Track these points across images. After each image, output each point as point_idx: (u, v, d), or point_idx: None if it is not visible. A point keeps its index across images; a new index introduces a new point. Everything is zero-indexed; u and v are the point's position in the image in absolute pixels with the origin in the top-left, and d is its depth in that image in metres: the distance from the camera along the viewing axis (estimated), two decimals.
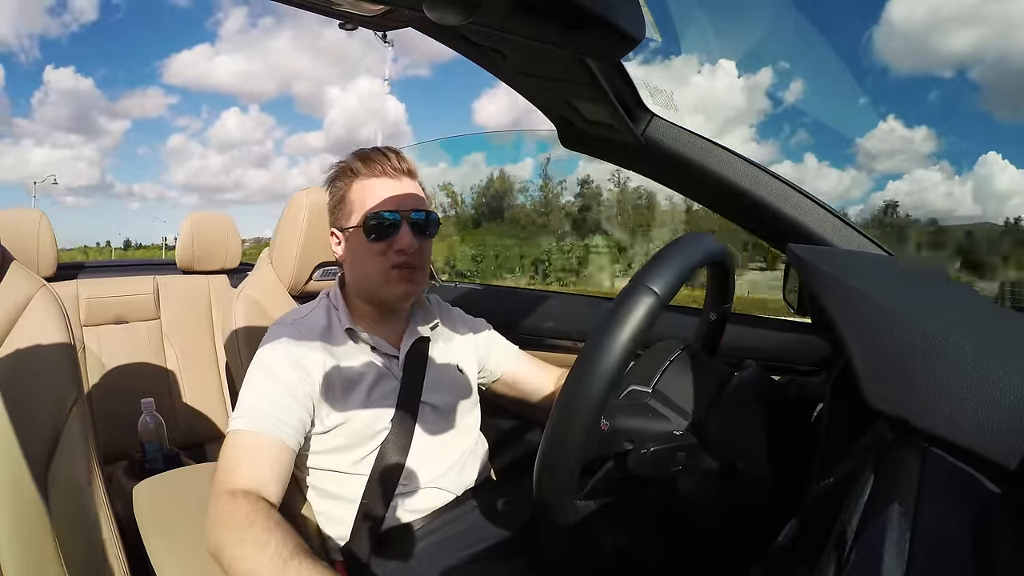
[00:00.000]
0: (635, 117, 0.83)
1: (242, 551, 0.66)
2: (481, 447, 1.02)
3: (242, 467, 0.75)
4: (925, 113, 32.24)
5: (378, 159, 0.90)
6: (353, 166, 0.91)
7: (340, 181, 0.92)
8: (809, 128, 34.75)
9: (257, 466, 0.76)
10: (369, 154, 0.91)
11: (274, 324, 0.91)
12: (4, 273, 0.86)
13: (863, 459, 0.45)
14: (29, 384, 0.81)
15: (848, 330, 0.50)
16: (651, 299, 0.49)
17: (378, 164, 0.90)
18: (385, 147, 0.92)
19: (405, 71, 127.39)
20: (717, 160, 0.84)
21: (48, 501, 0.80)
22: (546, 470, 0.52)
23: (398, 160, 0.91)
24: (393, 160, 0.90)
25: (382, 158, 0.90)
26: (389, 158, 0.90)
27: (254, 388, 0.82)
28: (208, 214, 2.10)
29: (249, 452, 0.77)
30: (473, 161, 23.15)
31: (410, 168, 0.92)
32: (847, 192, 25.01)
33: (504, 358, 1.08)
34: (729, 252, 0.66)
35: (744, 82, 33.86)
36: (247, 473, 0.75)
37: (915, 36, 33.35)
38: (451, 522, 0.89)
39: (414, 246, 0.87)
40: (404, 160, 0.92)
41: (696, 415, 0.61)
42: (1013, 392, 0.41)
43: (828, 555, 0.35)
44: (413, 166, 0.93)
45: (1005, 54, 30.83)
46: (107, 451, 1.53)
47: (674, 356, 0.66)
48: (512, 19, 0.49)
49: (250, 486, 0.74)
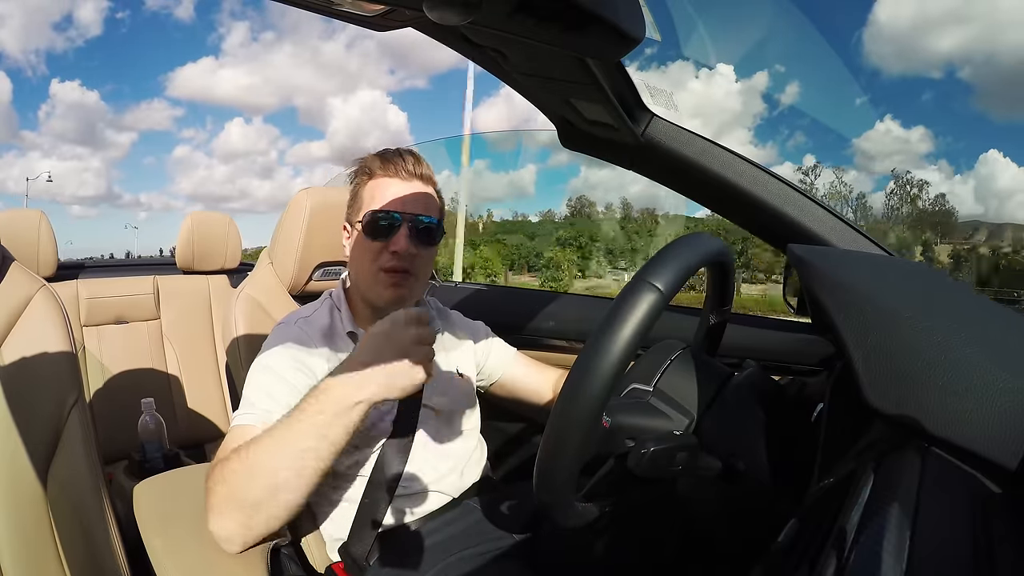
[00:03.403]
0: (635, 117, 0.83)
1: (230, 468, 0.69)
2: (481, 450, 1.02)
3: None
4: (920, 113, 32.46)
5: (394, 160, 0.90)
6: (371, 164, 0.91)
7: (357, 178, 0.93)
8: (806, 130, 34.91)
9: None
10: (387, 154, 0.91)
11: (278, 324, 0.91)
12: (4, 273, 0.86)
13: (863, 459, 0.45)
14: (29, 384, 0.81)
15: (848, 330, 0.50)
16: (654, 295, 0.49)
17: (392, 164, 0.90)
18: (405, 149, 0.92)
19: (402, 83, 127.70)
20: (717, 160, 0.84)
21: (48, 501, 0.80)
22: (546, 471, 0.52)
23: (414, 164, 0.90)
24: (408, 163, 0.90)
25: (398, 159, 0.90)
26: (405, 160, 0.90)
27: (258, 386, 0.81)
28: (208, 214, 2.10)
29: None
30: (476, 168, 23.38)
31: (424, 173, 0.91)
32: (847, 191, 25.14)
33: (503, 361, 1.08)
34: (731, 252, 0.66)
35: (741, 85, 34.03)
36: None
37: (904, 38, 33.55)
38: (451, 523, 0.89)
39: (409, 250, 0.86)
40: (420, 164, 0.91)
41: (697, 415, 0.61)
42: (1013, 392, 0.41)
43: (828, 555, 0.35)
44: (429, 171, 0.92)
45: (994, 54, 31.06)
46: (107, 451, 1.52)
47: (675, 355, 0.66)
48: (512, 19, 0.49)
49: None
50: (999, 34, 32.12)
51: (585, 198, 29.25)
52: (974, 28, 33.70)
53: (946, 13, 34.53)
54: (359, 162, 0.94)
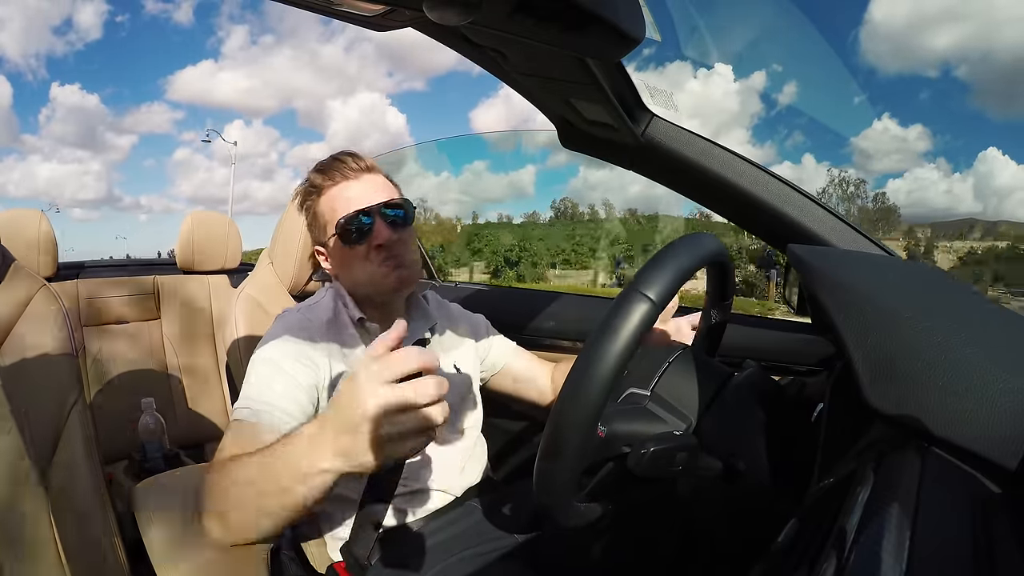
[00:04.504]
0: (635, 117, 0.83)
1: (226, 476, 0.66)
2: (481, 448, 1.02)
3: (236, 451, 0.74)
4: (918, 112, 32.47)
5: (335, 166, 0.90)
6: (315, 181, 0.91)
7: (308, 200, 0.92)
8: (804, 129, 34.92)
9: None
10: (325, 164, 0.91)
11: (280, 315, 0.90)
12: (4, 273, 0.86)
13: (863, 459, 0.45)
14: (29, 384, 0.81)
15: (848, 330, 0.50)
16: (646, 306, 0.49)
17: (336, 171, 0.89)
18: (340, 152, 0.92)
19: (400, 85, 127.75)
20: (717, 160, 0.84)
21: (48, 501, 0.80)
22: (546, 472, 0.52)
23: (354, 160, 0.90)
24: (349, 162, 0.90)
25: (338, 163, 0.90)
26: (345, 161, 0.90)
27: (258, 378, 0.80)
28: (208, 214, 2.09)
29: (247, 440, 0.75)
30: (475, 170, 23.37)
31: (368, 164, 0.91)
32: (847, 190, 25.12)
33: (503, 353, 1.08)
34: (728, 252, 0.66)
35: (739, 85, 34.02)
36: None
37: (899, 36, 33.65)
38: (452, 523, 0.89)
39: (392, 238, 0.86)
40: (360, 159, 0.91)
41: (696, 415, 0.61)
42: (1013, 392, 0.41)
43: (828, 555, 0.35)
44: (372, 162, 0.92)
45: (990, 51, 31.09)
46: (107, 451, 1.52)
47: (674, 357, 0.66)
48: (512, 19, 0.49)
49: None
50: (995, 32, 32.26)
51: (568, 200, 29.25)
52: (970, 26, 33.85)
53: (941, 11, 34.71)
54: (302, 187, 0.93)
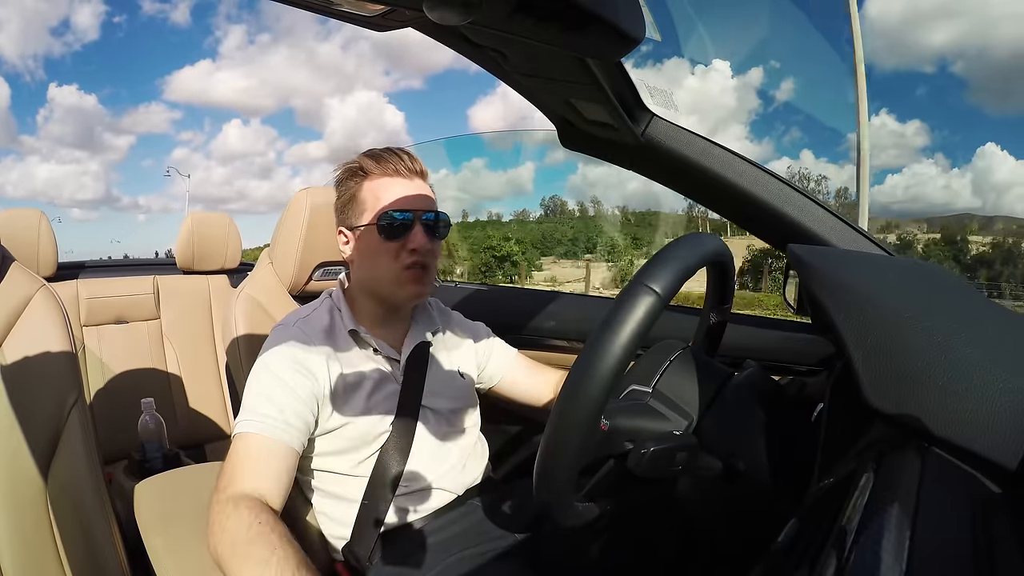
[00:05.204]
0: (635, 117, 0.83)
1: (243, 567, 0.65)
2: (481, 448, 1.02)
3: (246, 471, 0.75)
4: (915, 108, 32.38)
5: (391, 159, 0.89)
6: (365, 165, 0.90)
7: (351, 180, 0.91)
8: (801, 125, 34.84)
9: (261, 470, 0.75)
10: (381, 154, 0.90)
11: (277, 325, 0.90)
12: (4, 273, 0.86)
13: (863, 459, 0.45)
14: (29, 384, 0.81)
15: (848, 330, 0.50)
16: (651, 298, 0.49)
17: (391, 164, 0.89)
18: (397, 148, 0.92)
19: (398, 84, 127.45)
20: (717, 160, 0.84)
21: (48, 501, 0.80)
22: (546, 471, 0.52)
23: (411, 161, 0.90)
24: (406, 160, 0.90)
25: (395, 158, 0.89)
26: (402, 158, 0.90)
27: (259, 390, 0.81)
28: (208, 213, 2.09)
29: (253, 456, 0.76)
30: (474, 167, 23.32)
31: (422, 169, 0.92)
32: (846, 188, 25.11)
33: (503, 363, 1.08)
34: (730, 253, 0.66)
35: (737, 81, 33.85)
36: (251, 478, 0.74)
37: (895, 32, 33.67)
38: (453, 522, 0.89)
39: (426, 246, 0.87)
40: (416, 161, 0.91)
41: (696, 415, 0.61)
42: (1013, 392, 0.41)
43: (828, 555, 0.35)
44: (424, 168, 0.93)
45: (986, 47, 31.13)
46: (107, 451, 1.52)
47: (674, 356, 0.66)
48: (512, 19, 0.49)
49: (253, 492, 0.73)
50: (991, 28, 32.19)
51: (558, 198, 29.17)
52: (965, 22, 33.78)
53: (936, 7, 34.65)
54: (347, 164, 0.93)
